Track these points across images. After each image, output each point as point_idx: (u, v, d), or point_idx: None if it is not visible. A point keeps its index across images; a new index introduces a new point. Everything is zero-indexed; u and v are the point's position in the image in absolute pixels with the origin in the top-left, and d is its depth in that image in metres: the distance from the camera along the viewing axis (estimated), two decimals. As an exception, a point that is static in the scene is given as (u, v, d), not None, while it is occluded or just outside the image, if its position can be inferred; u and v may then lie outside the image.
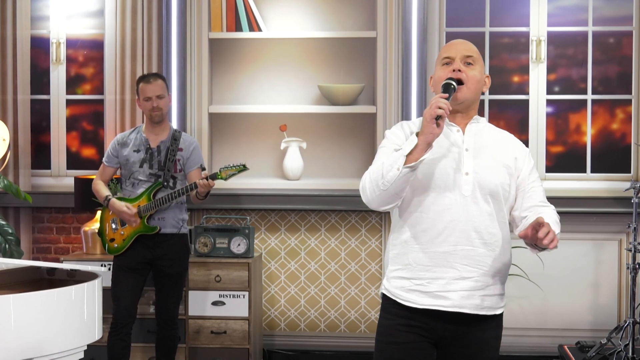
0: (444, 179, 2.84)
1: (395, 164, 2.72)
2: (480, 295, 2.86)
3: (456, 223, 2.83)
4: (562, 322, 5.71)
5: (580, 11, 5.78)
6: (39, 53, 6.03)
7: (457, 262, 2.83)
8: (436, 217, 2.83)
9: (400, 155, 2.73)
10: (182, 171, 4.88)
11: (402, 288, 2.88)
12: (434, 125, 2.68)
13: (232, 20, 5.82)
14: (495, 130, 3.03)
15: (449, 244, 2.83)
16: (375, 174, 2.78)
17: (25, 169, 5.89)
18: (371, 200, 2.82)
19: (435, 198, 2.84)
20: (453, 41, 3.04)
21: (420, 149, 2.70)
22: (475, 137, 2.92)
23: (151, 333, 5.22)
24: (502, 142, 2.99)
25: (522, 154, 3.00)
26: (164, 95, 4.87)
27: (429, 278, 2.84)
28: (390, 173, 2.73)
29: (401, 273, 2.90)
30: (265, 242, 5.86)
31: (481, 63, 2.99)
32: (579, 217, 5.66)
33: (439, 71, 2.94)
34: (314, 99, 5.82)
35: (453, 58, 2.92)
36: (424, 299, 2.85)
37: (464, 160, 2.86)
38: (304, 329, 5.86)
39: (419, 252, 2.85)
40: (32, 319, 3.05)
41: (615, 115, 5.80)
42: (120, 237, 4.87)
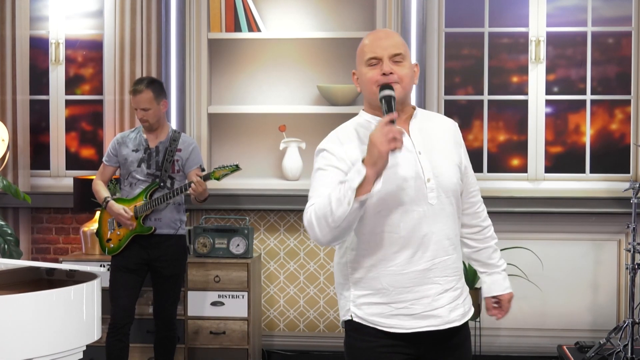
0: (408, 192, 2.62)
1: (344, 198, 2.46)
2: (462, 302, 2.74)
3: (429, 236, 2.64)
4: (561, 322, 5.71)
5: (579, 11, 5.78)
6: (38, 53, 6.03)
7: (437, 276, 2.66)
8: (408, 235, 2.62)
9: (348, 188, 2.45)
10: (180, 172, 4.88)
11: (382, 315, 2.65)
12: (386, 159, 2.44)
13: (231, 20, 5.82)
14: (432, 120, 2.83)
15: (426, 259, 2.64)
16: (323, 210, 2.51)
17: (24, 169, 5.89)
18: (321, 237, 2.54)
19: (403, 214, 2.62)
20: (376, 35, 2.74)
21: (370, 180, 2.45)
22: (421, 135, 2.71)
23: (150, 333, 5.22)
24: (443, 133, 2.79)
25: (459, 137, 2.85)
26: (150, 108, 4.81)
27: (411, 300, 2.64)
28: (340, 209, 2.46)
29: (374, 299, 2.66)
30: (264, 243, 5.86)
31: (408, 54, 2.71)
32: (578, 217, 5.67)
33: (366, 71, 2.68)
34: (313, 99, 5.82)
35: (380, 58, 2.66)
36: (410, 322, 2.65)
37: (422, 165, 2.66)
38: (303, 330, 5.86)
39: (395, 274, 2.63)
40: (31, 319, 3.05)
41: (614, 115, 5.80)
42: (117, 237, 4.87)
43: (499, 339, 5.72)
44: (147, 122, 4.84)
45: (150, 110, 4.82)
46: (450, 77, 5.84)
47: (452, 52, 5.85)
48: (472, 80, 5.87)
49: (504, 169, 5.84)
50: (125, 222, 4.79)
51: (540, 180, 5.79)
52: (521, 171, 5.82)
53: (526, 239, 5.64)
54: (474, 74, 5.86)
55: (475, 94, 5.85)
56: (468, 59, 5.89)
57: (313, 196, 2.62)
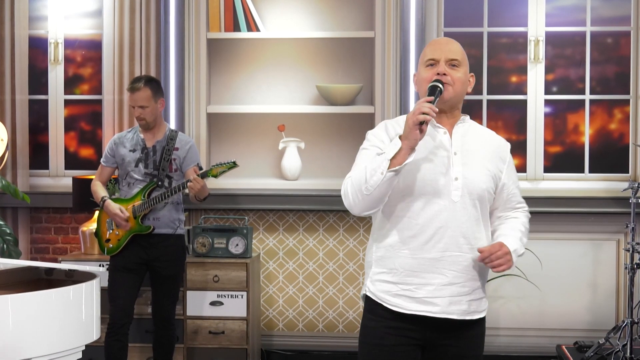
0: (433, 185, 2.82)
1: (379, 168, 2.71)
2: (467, 300, 2.86)
3: (445, 229, 2.81)
4: (560, 322, 5.71)
5: (578, 11, 5.78)
6: (37, 53, 6.03)
7: (446, 268, 2.82)
8: (425, 223, 2.81)
9: (384, 159, 2.71)
10: (177, 171, 4.88)
11: (389, 292, 2.86)
12: (417, 131, 2.67)
13: (230, 20, 5.82)
14: (480, 131, 3.02)
15: (438, 250, 2.82)
16: (358, 179, 2.76)
17: (23, 169, 5.89)
18: (354, 205, 2.80)
19: (425, 204, 2.82)
20: (438, 40, 3.02)
21: (403, 153, 2.69)
22: (462, 139, 2.91)
23: (149, 333, 5.22)
24: (488, 144, 2.98)
25: (506, 155, 3.01)
26: (147, 106, 4.82)
27: (417, 284, 2.83)
28: (374, 177, 2.71)
29: (386, 277, 2.87)
30: (263, 242, 5.86)
31: (466, 63, 2.96)
32: (577, 217, 5.67)
33: (423, 72, 2.92)
34: (312, 99, 5.82)
35: (438, 60, 2.90)
36: (411, 304, 2.83)
37: (452, 164, 2.85)
38: (302, 329, 5.86)
39: (407, 257, 2.83)
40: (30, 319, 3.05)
41: (613, 115, 5.81)
42: (115, 237, 4.86)
43: (498, 338, 5.72)
44: (144, 121, 4.84)
45: (147, 109, 4.82)
46: (449, 76, 5.84)
47: (451, 52, 5.84)
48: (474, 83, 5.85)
49: (503, 168, 5.83)
50: (119, 222, 4.79)
51: (539, 180, 5.79)
52: (520, 171, 5.81)
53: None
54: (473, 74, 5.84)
55: (474, 93, 5.84)
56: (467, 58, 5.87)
57: (352, 170, 2.87)
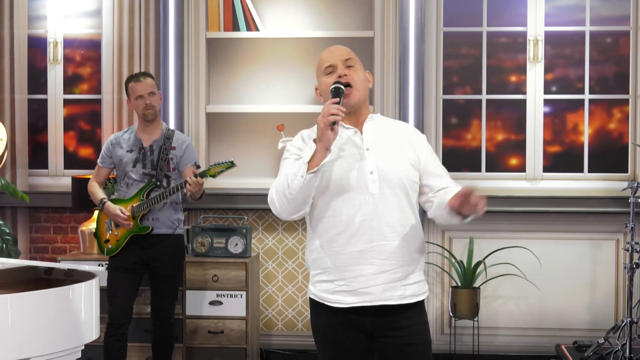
0: (351, 182, 2.94)
1: (298, 172, 2.84)
2: (402, 285, 2.97)
3: (369, 221, 2.93)
4: (560, 321, 5.71)
5: (577, 11, 5.78)
6: (36, 53, 6.03)
7: (374, 257, 2.94)
8: (348, 219, 2.94)
9: (302, 163, 2.85)
10: (175, 170, 4.87)
11: (327, 291, 2.99)
12: (329, 132, 2.80)
13: (230, 19, 5.81)
14: (390, 123, 3.15)
15: (364, 242, 2.93)
16: (281, 185, 2.89)
17: (22, 168, 5.89)
18: (281, 211, 2.93)
19: (345, 201, 2.94)
20: (329, 48, 3.15)
21: (319, 154, 2.82)
22: (374, 134, 3.02)
23: (148, 333, 5.22)
24: (400, 135, 3.08)
25: (420, 141, 3.09)
26: (155, 92, 4.87)
27: (350, 277, 2.95)
28: (295, 182, 2.84)
29: (323, 277, 3.00)
30: (262, 242, 5.86)
31: (360, 62, 3.09)
32: (576, 216, 5.67)
33: (324, 80, 3.04)
34: (311, 99, 5.82)
35: (335, 65, 3.03)
36: (348, 297, 2.95)
37: (366, 159, 2.96)
38: (301, 329, 5.86)
39: (337, 254, 2.96)
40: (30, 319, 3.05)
41: (612, 115, 5.81)
42: (114, 237, 4.86)
43: (497, 338, 5.72)
44: (153, 109, 4.83)
45: (155, 96, 4.85)
46: (449, 76, 5.85)
47: (450, 52, 5.85)
48: (471, 80, 5.87)
49: (502, 168, 5.84)
50: (122, 223, 4.79)
51: (538, 179, 5.79)
52: (519, 171, 5.82)
53: (524, 239, 5.64)
54: (472, 74, 5.86)
55: (474, 93, 5.85)
56: (466, 58, 5.89)
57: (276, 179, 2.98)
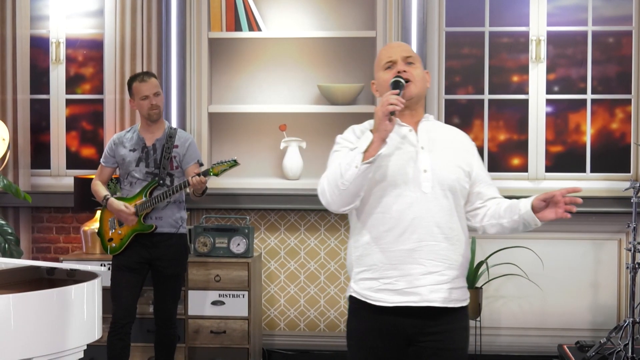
0: (404, 178, 2.89)
1: (352, 162, 2.77)
2: (448, 288, 2.91)
3: (419, 220, 2.88)
4: (562, 321, 5.71)
5: (579, 11, 5.78)
6: (38, 53, 6.03)
7: (423, 257, 2.88)
8: (398, 216, 2.88)
9: (357, 152, 2.78)
10: (178, 168, 4.88)
11: (371, 289, 2.92)
12: (386, 122, 2.76)
13: (232, 19, 5.82)
14: (445, 127, 3.13)
15: (413, 241, 2.88)
16: (334, 175, 2.82)
17: (24, 168, 5.89)
18: (331, 202, 2.86)
19: (396, 197, 2.89)
20: (390, 44, 3.18)
21: (375, 145, 2.76)
22: (428, 134, 2.98)
23: (150, 333, 5.22)
24: (453, 138, 3.07)
25: (472, 148, 3.09)
26: (160, 93, 4.88)
27: (396, 276, 2.89)
28: (349, 172, 2.77)
29: (367, 274, 2.94)
30: (264, 242, 5.86)
31: (420, 61, 3.04)
32: (579, 216, 5.60)
33: (383, 75, 3.00)
34: (313, 99, 5.82)
35: (395, 61, 2.98)
36: (393, 296, 2.89)
37: (420, 158, 2.92)
38: (303, 329, 5.86)
39: (384, 251, 2.90)
40: (32, 319, 3.05)
41: (614, 115, 5.80)
42: (118, 236, 4.87)
43: (499, 338, 5.72)
44: (158, 109, 4.84)
45: (160, 96, 4.86)
46: (451, 76, 5.84)
47: (452, 51, 5.85)
48: (473, 80, 5.87)
49: (504, 168, 5.84)
50: (126, 218, 4.79)
51: (540, 179, 5.79)
52: (521, 170, 5.82)
53: (526, 238, 5.63)
54: (474, 73, 5.86)
55: (476, 93, 5.85)
56: (468, 58, 5.89)
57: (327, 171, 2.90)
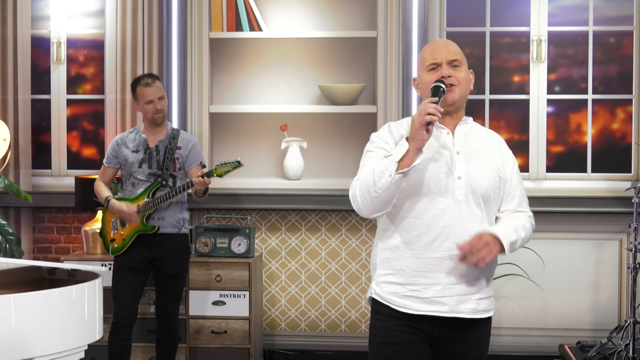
0: (437, 184, 2.81)
1: (386, 170, 2.69)
2: (476, 299, 2.86)
3: (451, 228, 2.80)
4: (563, 321, 5.71)
5: (580, 11, 5.78)
6: (39, 53, 6.03)
7: (453, 267, 2.81)
8: (430, 222, 2.81)
9: (391, 161, 2.70)
10: (181, 169, 4.88)
11: (396, 294, 2.85)
12: (423, 132, 2.67)
13: (233, 20, 5.82)
14: (482, 131, 3.02)
15: (444, 249, 2.80)
16: (366, 181, 2.75)
17: (25, 168, 5.89)
18: (362, 208, 2.79)
19: (429, 203, 2.81)
20: (436, 44, 2.99)
21: (411, 154, 2.68)
22: (465, 139, 2.91)
23: (152, 333, 5.23)
24: (491, 144, 2.98)
25: (508, 153, 3.01)
26: (164, 96, 4.87)
27: (424, 284, 2.82)
28: (382, 180, 2.70)
29: (393, 278, 2.87)
30: (265, 242, 5.86)
31: (465, 62, 2.97)
32: (580, 216, 5.67)
33: (426, 76, 2.91)
34: (314, 99, 5.82)
35: (439, 63, 2.90)
36: (419, 304, 2.83)
37: (455, 163, 2.85)
38: (304, 329, 5.86)
39: (413, 257, 2.83)
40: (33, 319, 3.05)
41: (615, 115, 5.80)
42: (120, 237, 4.87)
43: (501, 338, 5.72)
44: (162, 113, 4.84)
45: (164, 100, 4.85)
46: (452, 76, 5.84)
47: (453, 52, 5.85)
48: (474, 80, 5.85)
49: (505, 168, 5.83)
50: (129, 218, 4.79)
51: (541, 179, 5.79)
52: (522, 170, 5.77)
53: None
54: (475, 73, 5.82)
55: (477, 93, 5.85)
56: (469, 58, 5.79)
57: (359, 172, 2.85)
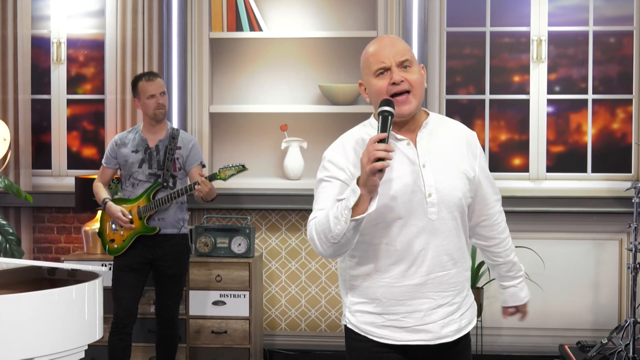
0: (407, 207, 2.59)
1: (341, 217, 2.46)
2: (459, 317, 2.70)
3: (426, 251, 2.61)
4: (563, 321, 5.71)
5: (580, 11, 5.78)
6: (39, 53, 6.03)
7: (432, 291, 2.63)
8: (404, 248, 2.60)
9: (344, 207, 2.46)
10: (181, 170, 4.88)
11: (373, 324, 2.66)
12: (374, 178, 2.41)
13: (233, 20, 5.82)
14: (445, 125, 2.75)
15: (421, 274, 2.62)
16: (322, 227, 2.52)
17: (25, 168, 5.89)
18: (323, 252, 2.56)
19: (401, 228, 2.60)
20: (381, 42, 2.65)
21: (364, 199, 2.44)
22: (429, 146, 2.65)
23: (152, 333, 5.23)
24: (456, 139, 2.73)
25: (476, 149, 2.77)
26: (166, 92, 4.89)
27: (403, 312, 2.63)
28: (338, 227, 2.47)
29: (368, 308, 2.66)
30: (265, 242, 5.86)
31: (415, 59, 2.64)
32: (580, 217, 5.66)
33: (375, 82, 2.60)
34: (314, 99, 5.82)
35: (388, 67, 2.59)
36: (401, 334, 2.64)
37: (423, 179, 2.61)
38: (304, 329, 5.86)
39: (389, 286, 2.63)
40: (33, 319, 3.05)
41: (615, 115, 5.80)
42: (120, 237, 4.86)
43: (501, 338, 5.72)
44: (164, 109, 4.85)
45: (165, 95, 4.87)
46: (452, 76, 5.84)
47: (453, 52, 5.85)
48: (474, 80, 5.87)
49: (505, 168, 5.84)
50: (123, 226, 4.79)
51: (541, 179, 5.79)
52: (523, 170, 5.82)
53: (528, 239, 5.64)
54: (475, 74, 5.86)
55: (477, 93, 5.85)
56: (469, 58, 5.89)
57: (315, 209, 2.63)
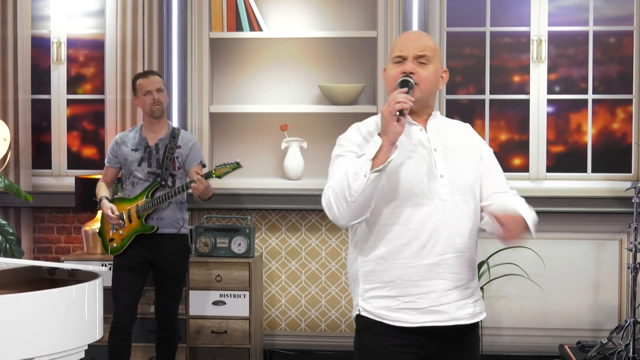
0: (420, 186, 2.63)
1: (361, 171, 2.49)
2: (473, 302, 2.72)
3: (440, 231, 2.63)
4: (563, 321, 5.71)
5: (580, 11, 5.78)
6: (39, 53, 6.03)
7: (446, 271, 2.64)
8: (418, 228, 2.62)
9: (365, 160, 2.50)
10: (181, 169, 4.88)
11: (389, 308, 2.66)
12: (395, 123, 2.49)
13: (233, 20, 5.82)
14: (451, 122, 2.87)
15: (435, 254, 2.63)
16: (340, 186, 2.54)
17: (25, 168, 5.89)
18: (339, 215, 2.59)
19: (414, 208, 2.62)
20: (408, 35, 2.80)
21: (385, 150, 2.49)
22: (438, 133, 2.74)
23: (152, 333, 5.22)
24: (463, 134, 2.83)
25: (481, 142, 2.85)
26: (163, 90, 4.88)
27: (419, 293, 2.63)
28: (357, 182, 2.49)
29: (382, 292, 2.67)
30: (265, 242, 5.86)
31: (437, 59, 2.73)
32: (580, 217, 5.66)
33: (390, 69, 2.72)
34: (314, 99, 5.82)
35: (405, 57, 2.69)
36: (416, 316, 2.64)
37: (435, 162, 2.68)
38: (304, 329, 5.86)
39: (403, 267, 2.63)
40: (33, 319, 3.05)
41: (615, 115, 5.80)
42: (119, 237, 4.87)
43: (501, 338, 5.72)
44: (161, 105, 4.84)
45: (163, 92, 4.85)
46: (452, 76, 5.83)
47: (453, 52, 5.85)
48: (474, 80, 5.87)
49: (505, 168, 5.73)
50: (111, 223, 4.80)
51: (541, 179, 5.79)
52: (523, 170, 5.82)
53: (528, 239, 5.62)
54: (475, 74, 5.86)
55: (477, 93, 5.85)
56: (469, 58, 5.89)
57: (330, 179, 2.66)
